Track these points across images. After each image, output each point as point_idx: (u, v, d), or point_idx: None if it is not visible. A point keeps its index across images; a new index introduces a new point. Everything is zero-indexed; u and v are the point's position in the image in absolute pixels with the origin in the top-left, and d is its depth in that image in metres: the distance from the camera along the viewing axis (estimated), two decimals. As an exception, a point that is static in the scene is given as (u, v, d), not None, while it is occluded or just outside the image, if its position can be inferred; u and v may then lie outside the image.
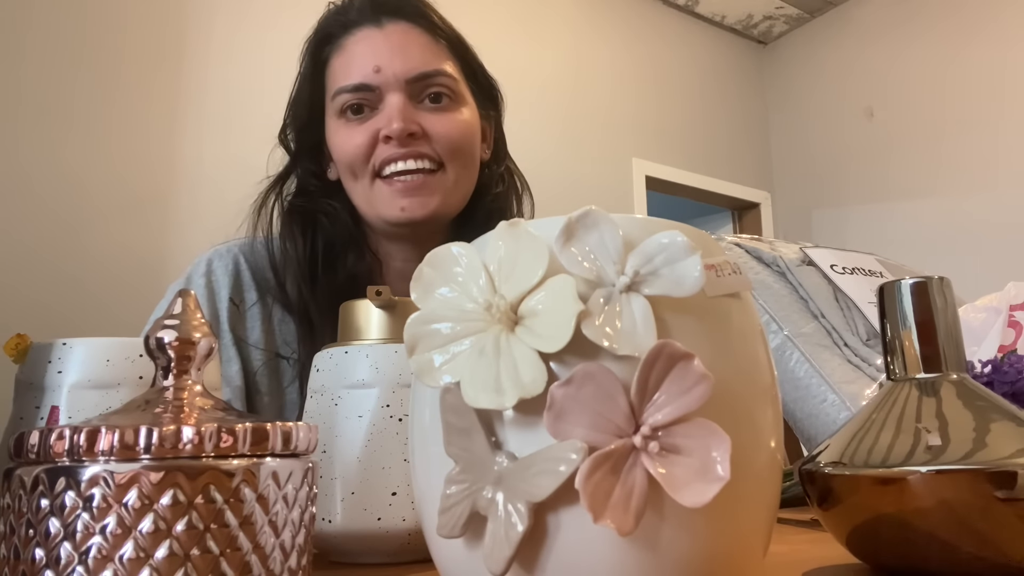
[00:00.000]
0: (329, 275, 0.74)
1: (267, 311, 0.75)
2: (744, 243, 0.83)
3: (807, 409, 0.70)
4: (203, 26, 2.57)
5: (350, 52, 0.74)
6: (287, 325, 0.75)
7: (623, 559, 0.25)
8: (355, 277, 0.75)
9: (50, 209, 2.20)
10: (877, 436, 0.35)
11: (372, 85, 0.71)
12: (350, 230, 0.77)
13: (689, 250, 0.27)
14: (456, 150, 0.73)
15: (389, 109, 0.71)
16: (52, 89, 2.25)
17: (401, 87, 0.71)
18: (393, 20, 0.74)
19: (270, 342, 0.74)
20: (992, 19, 3.49)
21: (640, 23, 3.94)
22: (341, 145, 0.73)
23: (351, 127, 0.73)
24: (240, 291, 0.75)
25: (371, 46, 0.73)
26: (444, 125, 0.73)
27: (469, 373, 0.27)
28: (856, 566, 0.37)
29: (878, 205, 3.81)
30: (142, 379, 0.39)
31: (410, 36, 0.74)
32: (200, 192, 2.38)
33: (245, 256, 0.77)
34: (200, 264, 0.76)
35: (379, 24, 0.74)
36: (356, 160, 0.72)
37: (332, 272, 0.75)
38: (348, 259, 0.76)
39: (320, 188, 0.78)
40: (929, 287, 0.37)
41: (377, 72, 0.71)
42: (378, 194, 0.72)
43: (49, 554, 0.24)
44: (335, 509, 0.42)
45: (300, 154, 0.78)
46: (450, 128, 0.73)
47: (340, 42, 0.75)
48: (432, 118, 0.73)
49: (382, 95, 0.72)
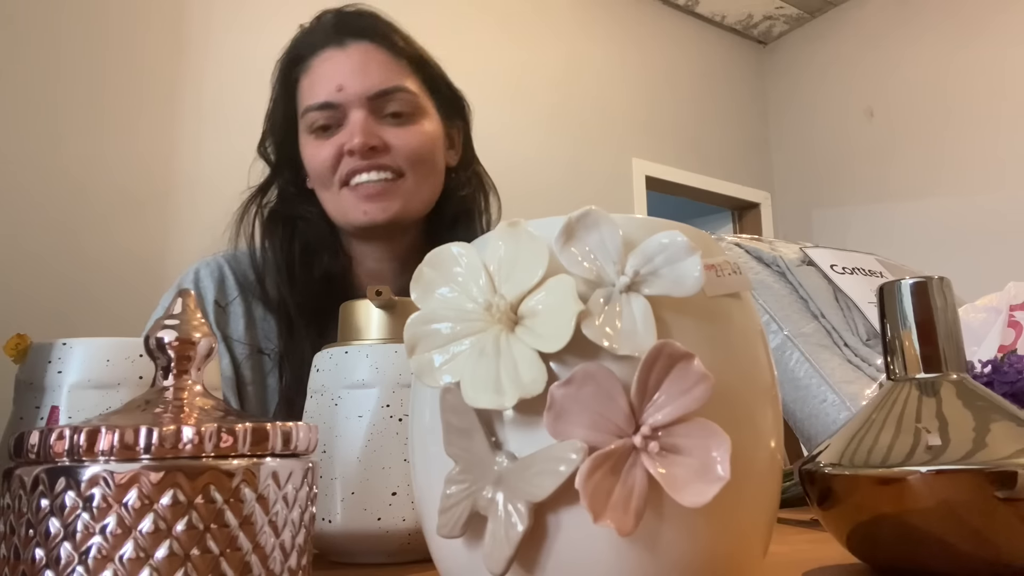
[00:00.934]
0: (306, 274, 0.80)
1: (249, 311, 0.81)
2: (744, 243, 0.83)
3: (807, 409, 0.70)
4: (201, 27, 2.57)
5: (316, 72, 0.79)
6: (267, 323, 0.81)
7: (623, 559, 0.25)
8: (330, 276, 0.81)
9: (50, 209, 2.20)
10: (877, 436, 0.35)
11: (335, 103, 0.77)
12: (325, 233, 0.83)
13: (689, 250, 0.27)
14: (416, 160, 0.79)
15: (352, 125, 0.77)
16: (51, 90, 2.25)
17: (363, 104, 0.77)
18: (355, 41, 0.79)
19: (253, 337, 0.81)
20: (992, 19, 3.49)
21: (640, 23, 3.93)
22: (311, 159, 0.80)
23: (319, 142, 0.78)
24: (224, 294, 0.82)
25: (334, 66, 0.78)
26: (404, 138, 0.78)
27: (469, 373, 0.27)
28: (856, 566, 0.37)
29: (878, 205, 3.81)
30: (142, 379, 0.39)
31: (371, 55, 0.79)
32: (199, 192, 2.38)
33: (228, 263, 0.84)
34: (188, 274, 0.83)
35: (342, 45, 0.79)
36: (324, 172, 0.78)
37: (308, 271, 0.81)
38: (323, 259, 0.82)
39: (298, 195, 0.84)
40: (929, 287, 0.37)
41: (340, 91, 0.77)
42: (345, 201, 0.78)
43: (49, 554, 0.24)
44: (335, 509, 0.42)
45: (279, 166, 0.84)
46: (409, 140, 0.79)
47: (308, 63, 0.80)
48: (393, 131, 0.78)
49: (346, 112, 0.77)
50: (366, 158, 0.76)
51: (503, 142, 3.05)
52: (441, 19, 3.02)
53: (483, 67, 3.17)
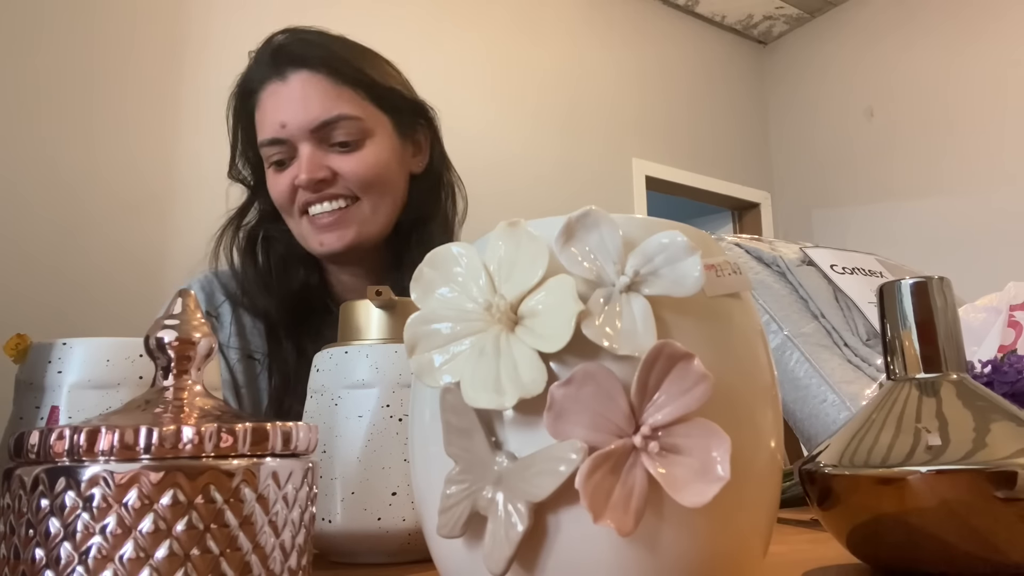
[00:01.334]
0: (284, 286, 0.84)
1: (238, 319, 0.86)
2: (744, 243, 0.83)
3: (807, 409, 0.70)
4: (201, 28, 2.57)
5: (263, 107, 0.81)
6: (255, 330, 0.85)
7: (623, 559, 0.25)
8: (307, 286, 0.85)
9: (50, 209, 2.20)
10: (877, 436, 0.35)
11: (282, 139, 0.78)
12: (299, 249, 0.85)
13: (689, 250, 0.27)
14: (367, 185, 0.80)
15: (300, 160, 0.78)
16: (51, 90, 2.25)
17: (307, 136, 0.78)
18: (295, 70, 0.79)
19: (243, 344, 0.85)
20: (992, 19, 3.49)
21: (640, 23, 3.93)
22: (271, 189, 0.82)
23: (277, 175, 0.81)
24: (214, 304, 0.86)
25: (277, 101, 0.79)
26: (352, 165, 0.79)
27: (469, 373, 0.27)
28: (856, 566, 0.37)
29: (878, 205, 3.81)
30: (142, 379, 0.39)
31: (310, 85, 0.79)
32: (198, 193, 2.38)
33: (218, 277, 0.88)
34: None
35: (283, 77, 0.79)
36: (283, 202, 0.81)
37: (286, 283, 0.84)
38: (300, 272, 0.85)
39: (275, 214, 0.86)
40: (929, 287, 0.37)
41: (283, 127, 0.78)
42: (304, 230, 0.81)
43: (49, 554, 0.24)
44: (335, 509, 0.42)
45: (258, 188, 0.87)
46: (357, 167, 0.79)
47: (257, 96, 0.82)
48: (340, 159, 0.79)
49: (295, 145, 0.78)
50: (316, 191, 0.78)
51: (502, 142, 3.05)
52: (441, 19, 3.02)
53: (483, 67, 3.17)
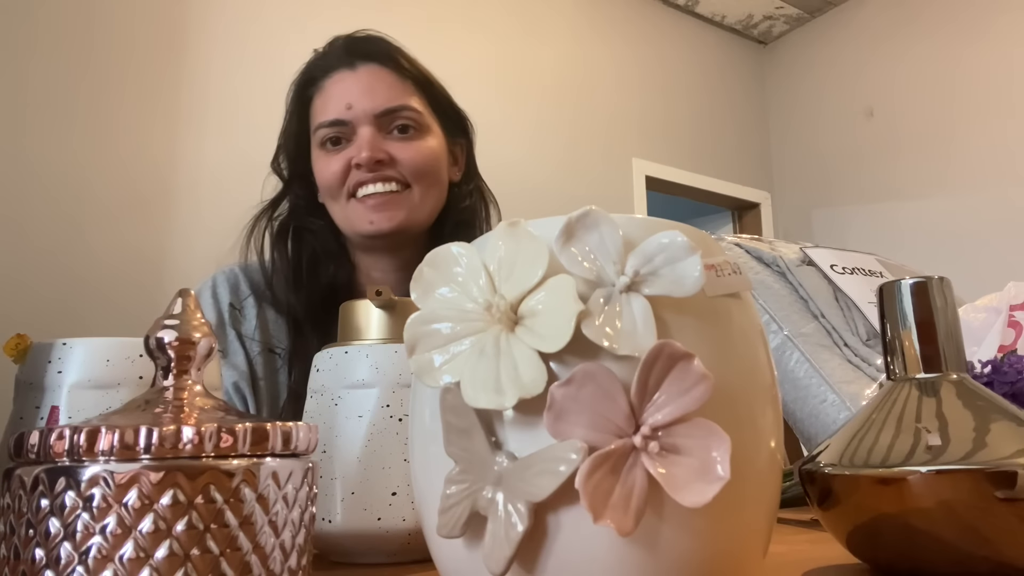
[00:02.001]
0: (312, 282, 0.86)
1: (262, 312, 0.88)
2: (744, 243, 0.83)
3: (807, 409, 0.70)
4: (205, 25, 2.57)
5: (328, 92, 0.85)
6: (278, 325, 0.87)
7: (623, 559, 0.25)
8: (335, 284, 0.87)
9: (52, 209, 2.20)
10: (877, 436, 0.35)
11: (345, 120, 0.83)
12: (332, 244, 0.89)
13: (689, 250, 0.27)
14: (420, 173, 0.84)
15: (360, 140, 0.82)
16: (54, 89, 2.25)
17: (370, 121, 0.83)
18: (365, 63, 0.85)
19: (265, 337, 0.87)
20: (992, 19, 3.49)
21: (640, 23, 3.93)
22: (321, 171, 0.85)
23: (329, 156, 0.84)
24: (239, 297, 0.88)
25: (344, 87, 0.84)
26: (409, 152, 0.84)
27: (469, 373, 0.27)
28: (856, 566, 0.37)
29: (878, 205, 3.81)
30: (142, 379, 0.39)
31: (378, 76, 0.85)
32: (202, 191, 2.39)
33: (243, 271, 0.90)
34: (207, 283, 0.90)
35: (352, 67, 0.85)
36: (333, 184, 0.84)
37: (315, 279, 0.87)
38: (329, 268, 0.88)
39: (308, 208, 0.90)
40: (929, 287, 0.37)
41: (349, 109, 0.83)
42: (352, 212, 0.84)
43: (49, 554, 0.24)
44: (335, 509, 0.42)
45: (292, 180, 0.90)
46: (414, 155, 0.84)
47: (320, 84, 0.87)
48: (398, 146, 0.84)
49: (355, 128, 0.83)
50: (372, 170, 0.81)
51: (502, 142, 3.05)
52: (441, 19, 3.02)
53: (482, 67, 3.17)
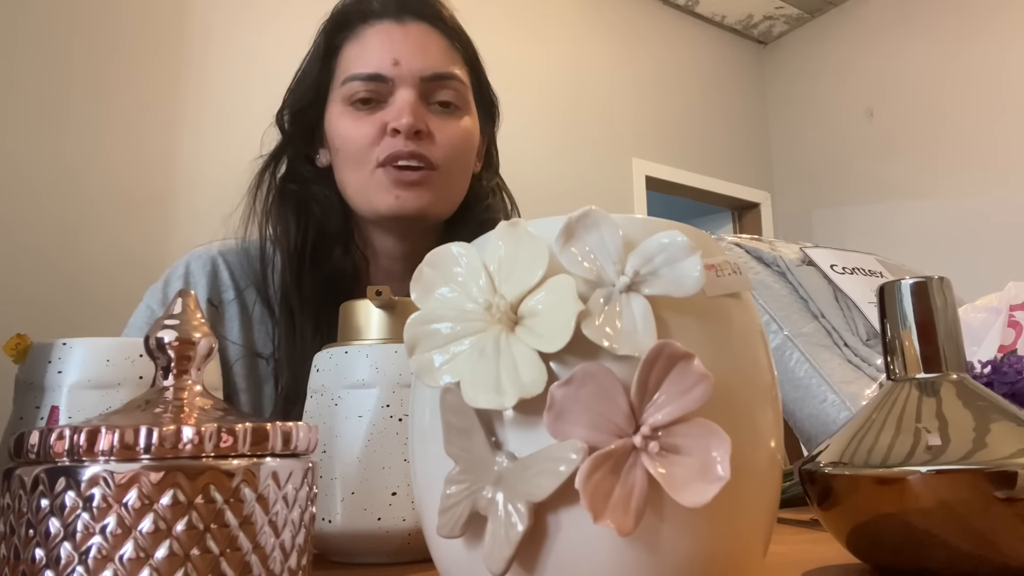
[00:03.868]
0: (315, 269, 0.74)
1: (245, 311, 0.75)
2: (744, 243, 0.83)
3: (807, 409, 0.70)
4: (202, 26, 2.57)
5: (367, 41, 0.74)
6: (266, 325, 0.75)
7: (623, 559, 0.25)
8: (341, 274, 0.75)
9: (50, 209, 2.20)
10: (877, 436, 0.35)
11: (387, 76, 0.71)
12: (340, 223, 0.77)
13: (689, 250, 0.27)
14: (455, 156, 0.74)
15: (400, 103, 0.71)
16: (51, 89, 2.25)
17: (415, 83, 0.72)
18: (414, 19, 0.75)
19: (248, 340, 0.75)
20: (992, 18, 3.49)
21: (640, 23, 3.93)
22: (346, 132, 0.73)
23: (359, 116, 0.72)
24: (217, 291, 0.75)
25: (390, 39, 0.73)
26: (448, 130, 0.73)
27: (469, 373, 0.27)
28: (856, 566, 0.37)
29: (878, 205, 3.81)
30: (142, 379, 0.39)
31: (430, 37, 0.75)
32: (199, 192, 2.38)
33: (223, 257, 0.77)
34: (178, 267, 0.77)
35: (401, 20, 0.74)
36: (360, 149, 0.72)
37: (318, 266, 0.75)
38: (335, 253, 0.75)
39: (313, 174, 0.78)
40: (929, 287, 0.37)
41: (395, 65, 0.71)
42: (376, 183, 0.72)
43: (49, 554, 0.24)
44: (335, 509, 0.42)
45: (294, 135, 0.78)
46: (453, 134, 0.74)
47: (358, 30, 0.75)
48: (438, 121, 0.73)
49: (394, 88, 0.72)
50: (411, 141, 0.70)
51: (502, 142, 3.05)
52: (441, 19, 3.01)
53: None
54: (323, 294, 0.73)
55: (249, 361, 0.74)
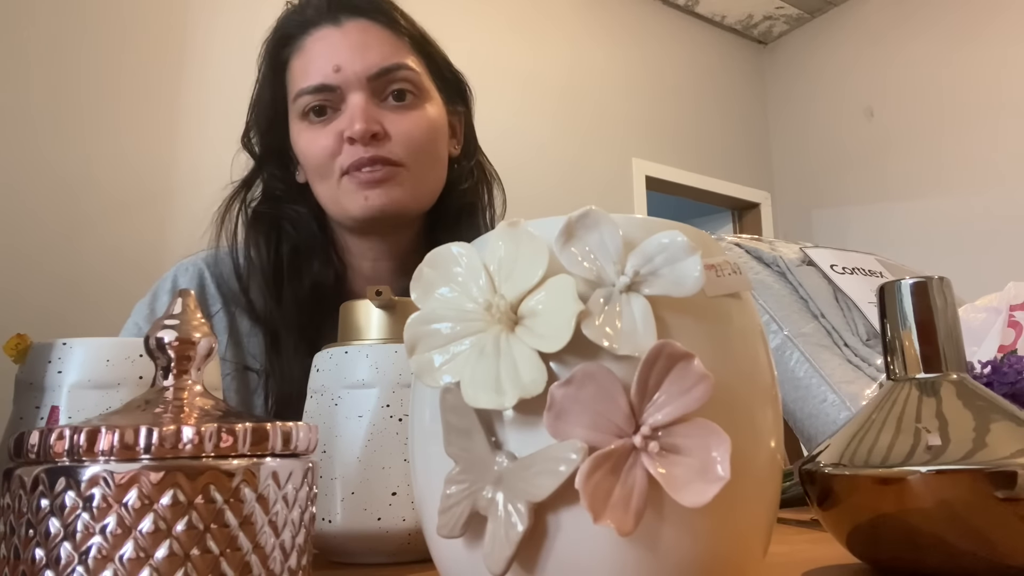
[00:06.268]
0: (294, 283, 0.74)
1: (233, 323, 0.75)
2: (744, 243, 0.83)
3: (807, 409, 0.70)
4: (202, 28, 2.57)
5: (309, 52, 0.73)
6: (254, 338, 0.74)
7: (623, 559, 0.25)
8: (321, 285, 0.74)
9: (49, 210, 2.20)
10: (877, 436, 0.35)
11: (332, 85, 0.71)
12: (316, 236, 0.76)
13: (689, 250, 0.27)
14: (418, 149, 0.72)
15: (351, 109, 0.70)
16: (50, 90, 2.25)
17: (363, 85, 0.71)
18: (352, 18, 0.73)
19: (238, 354, 0.74)
20: (991, 18, 3.49)
21: (640, 23, 3.94)
22: (306, 147, 0.73)
23: (315, 129, 0.72)
24: (205, 304, 0.75)
25: (330, 45, 0.72)
26: (406, 124, 0.72)
27: (469, 373, 0.27)
28: (856, 566, 0.37)
29: (878, 205, 3.81)
30: (142, 379, 0.39)
31: (370, 33, 0.73)
32: (198, 194, 2.36)
33: (209, 268, 0.77)
34: (166, 280, 0.77)
35: (337, 23, 0.73)
36: (322, 161, 0.71)
37: (297, 280, 0.74)
38: (313, 266, 0.75)
39: (286, 192, 0.77)
40: (929, 287, 0.37)
41: (337, 71, 0.70)
42: (344, 190, 0.71)
43: (49, 554, 0.24)
44: (335, 509, 0.42)
45: (265, 158, 0.78)
46: (412, 127, 0.72)
47: (299, 43, 0.74)
48: (394, 117, 0.72)
49: (344, 95, 0.71)
50: (368, 146, 0.69)
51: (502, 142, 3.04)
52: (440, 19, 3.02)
53: (481, 67, 3.17)
54: (305, 306, 0.73)
55: (239, 375, 0.73)
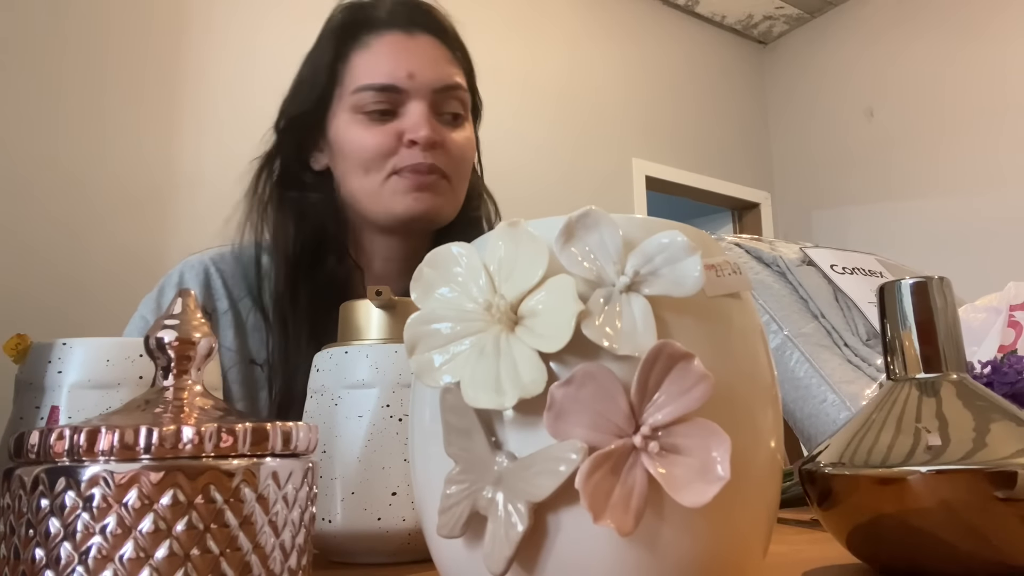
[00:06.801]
0: (309, 276, 0.75)
1: (239, 319, 0.76)
2: (744, 243, 0.83)
3: (807, 409, 0.70)
4: (201, 26, 2.57)
5: (378, 52, 0.75)
6: (260, 332, 0.76)
7: (623, 559, 0.25)
8: (333, 282, 0.76)
9: (50, 209, 2.20)
10: (877, 436, 0.35)
11: (401, 88, 0.73)
12: (335, 229, 0.78)
13: (689, 250, 0.27)
14: (463, 164, 0.78)
15: (416, 115, 0.73)
16: (50, 89, 2.25)
17: (427, 96, 0.74)
18: (422, 31, 0.77)
19: (243, 348, 0.75)
20: (992, 18, 3.49)
21: (640, 23, 3.94)
22: (360, 140, 0.74)
23: (371, 126, 0.73)
24: (211, 300, 0.76)
25: (403, 50, 0.75)
26: (459, 140, 0.77)
27: (469, 373, 0.27)
28: (856, 566, 0.37)
29: (878, 205, 3.81)
30: (142, 379, 0.39)
31: (437, 49, 0.77)
32: (199, 192, 2.38)
33: (216, 265, 0.78)
34: (172, 276, 0.78)
35: (410, 32, 0.76)
36: (375, 158, 0.73)
37: (312, 274, 0.75)
38: (329, 261, 0.77)
39: (310, 179, 0.79)
40: (929, 287, 0.37)
41: (410, 78, 0.73)
42: (391, 189, 0.73)
43: (49, 554, 0.24)
44: (335, 509, 0.42)
45: (290, 138, 0.79)
46: (463, 145, 0.77)
47: (366, 39, 0.76)
48: (447, 132, 0.76)
49: (406, 99, 0.74)
50: (428, 152, 0.72)
51: (503, 143, 3.05)
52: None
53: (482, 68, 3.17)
54: (317, 301, 0.73)
55: (244, 368, 0.74)
